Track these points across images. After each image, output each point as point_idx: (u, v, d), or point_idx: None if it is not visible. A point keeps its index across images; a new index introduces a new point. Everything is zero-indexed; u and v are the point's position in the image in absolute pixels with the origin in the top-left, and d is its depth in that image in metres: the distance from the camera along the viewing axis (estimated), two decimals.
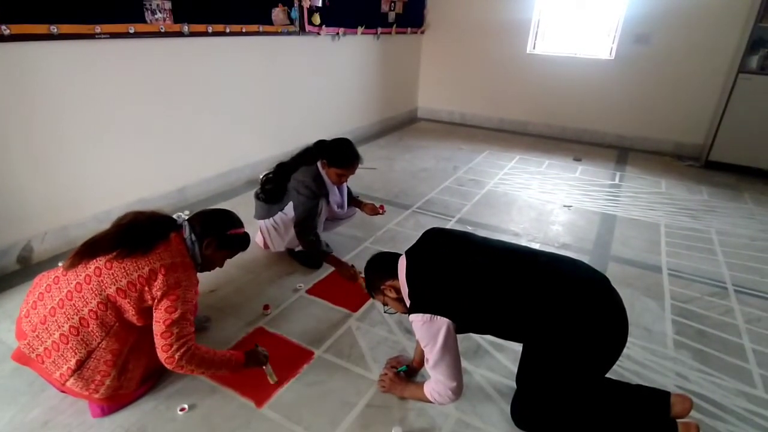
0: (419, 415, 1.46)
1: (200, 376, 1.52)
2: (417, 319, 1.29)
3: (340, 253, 2.41)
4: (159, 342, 1.30)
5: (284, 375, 1.59)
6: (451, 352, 1.30)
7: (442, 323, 1.26)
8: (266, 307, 1.95)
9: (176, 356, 1.30)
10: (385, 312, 1.50)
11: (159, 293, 1.29)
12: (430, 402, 1.43)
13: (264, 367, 1.54)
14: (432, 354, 1.29)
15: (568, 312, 1.24)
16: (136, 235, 1.33)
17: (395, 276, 1.38)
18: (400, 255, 1.43)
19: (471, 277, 1.30)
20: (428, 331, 1.28)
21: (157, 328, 1.30)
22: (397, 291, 1.39)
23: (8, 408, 1.43)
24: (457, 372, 1.33)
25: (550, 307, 1.25)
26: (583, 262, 1.37)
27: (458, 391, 1.35)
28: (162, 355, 1.31)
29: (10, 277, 2.12)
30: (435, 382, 1.37)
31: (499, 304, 1.29)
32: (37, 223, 2.23)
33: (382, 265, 1.44)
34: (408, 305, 1.35)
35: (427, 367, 1.35)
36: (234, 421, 1.41)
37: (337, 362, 1.68)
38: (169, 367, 1.32)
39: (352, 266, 2.15)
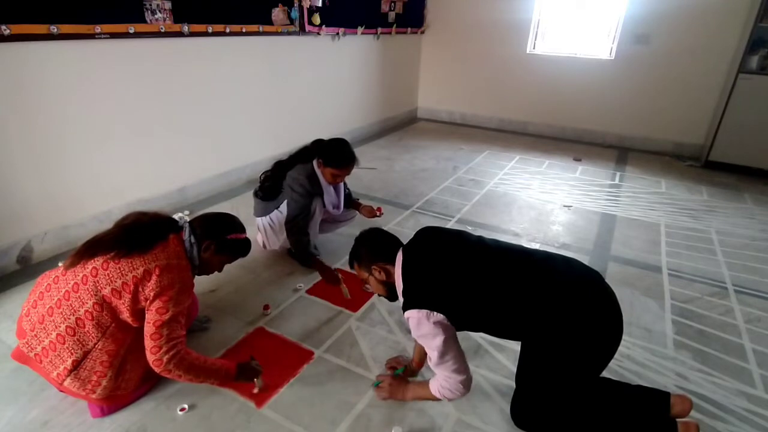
0: (419, 415, 1.46)
1: (188, 383, 1.40)
2: (413, 315, 1.27)
3: (340, 253, 2.41)
4: (148, 343, 1.29)
5: (284, 375, 1.59)
6: (453, 345, 1.29)
7: (440, 317, 1.25)
8: (266, 307, 1.95)
9: (164, 359, 1.28)
10: (363, 289, 1.52)
11: (152, 294, 1.28)
12: (438, 399, 1.40)
13: (255, 380, 1.50)
14: (435, 350, 1.27)
15: (562, 309, 1.24)
16: (134, 235, 1.33)
17: (389, 262, 1.39)
18: (400, 243, 1.44)
19: (465, 276, 1.30)
20: (427, 327, 1.26)
21: (147, 329, 1.29)
22: (387, 275, 1.39)
23: (8, 408, 1.43)
24: (462, 364, 1.31)
25: (545, 304, 1.25)
26: (577, 260, 1.38)
27: (468, 384, 1.32)
28: (150, 357, 1.29)
29: (10, 277, 2.12)
30: (443, 379, 1.32)
31: (493, 302, 1.29)
32: (37, 222, 2.23)
33: (381, 245, 1.44)
34: (400, 298, 1.36)
35: (432, 365, 1.32)
36: (234, 421, 1.41)
37: (337, 362, 1.68)
38: (156, 370, 1.30)
39: (336, 269, 2.14)
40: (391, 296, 1.44)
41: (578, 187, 3.59)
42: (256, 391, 1.51)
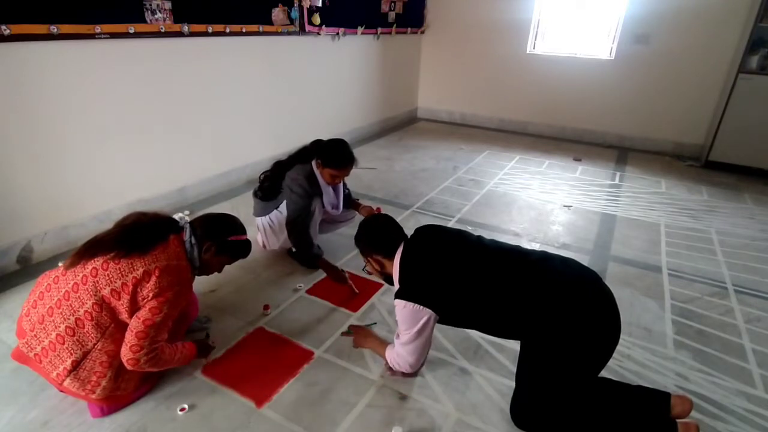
0: (419, 415, 1.46)
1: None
2: (401, 305, 1.36)
3: (339, 253, 2.41)
4: (130, 339, 1.27)
5: (284, 375, 1.60)
6: (422, 339, 1.41)
7: (426, 314, 1.35)
8: (266, 307, 1.95)
9: (142, 360, 1.28)
10: (363, 269, 1.65)
11: (150, 294, 1.28)
12: (386, 361, 1.58)
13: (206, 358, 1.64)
14: (407, 335, 1.41)
15: (560, 309, 1.25)
16: (134, 236, 1.33)
17: (387, 255, 1.47)
18: (403, 237, 1.49)
19: (463, 275, 1.33)
20: (411, 318, 1.36)
21: (135, 324, 1.28)
22: (382, 267, 1.50)
23: (8, 408, 1.43)
24: (421, 354, 1.46)
25: (542, 304, 1.26)
26: (574, 260, 1.39)
27: (416, 367, 1.51)
28: (126, 353, 1.27)
29: (10, 277, 2.11)
30: (398, 355, 1.50)
31: (490, 301, 1.31)
32: (37, 222, 2.23)
33: (381, 238, 1.50)
34: (396, 285, 1.44)
35: (396, 341, 1.49)
36: (234, 421, 1.41)
37: (337, 362, 1.67)
38: (128, 365, 1.30)
39: (342, 270, 2.11)
40: (387, 281, 1.54)
41: (578, 187, 3.59)
42: (205, 361, 1.62)
